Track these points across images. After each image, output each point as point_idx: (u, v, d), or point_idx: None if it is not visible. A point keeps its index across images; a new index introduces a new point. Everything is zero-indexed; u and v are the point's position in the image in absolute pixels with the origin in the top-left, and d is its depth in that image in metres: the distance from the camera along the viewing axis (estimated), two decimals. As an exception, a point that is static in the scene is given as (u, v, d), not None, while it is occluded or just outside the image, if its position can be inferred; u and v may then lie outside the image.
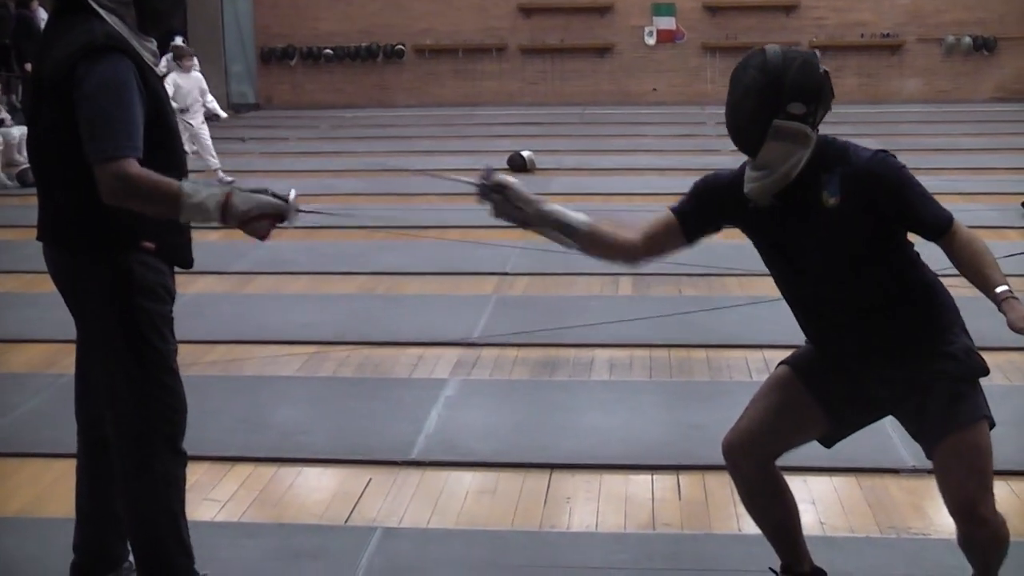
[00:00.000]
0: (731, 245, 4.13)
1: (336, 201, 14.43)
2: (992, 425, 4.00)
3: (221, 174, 15.67)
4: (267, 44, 27.21)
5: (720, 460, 5.79)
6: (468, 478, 5.96)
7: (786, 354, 4.41)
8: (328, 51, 27.56)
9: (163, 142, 4.15)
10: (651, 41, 27.20)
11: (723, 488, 5.74)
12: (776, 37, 25.18)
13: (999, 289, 3.79)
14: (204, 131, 15.73)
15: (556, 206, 4.19)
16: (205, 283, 10.15)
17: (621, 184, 15.44)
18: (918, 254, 4.10)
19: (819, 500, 5.62)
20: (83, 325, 4.34)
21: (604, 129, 22.04)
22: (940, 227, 3.92)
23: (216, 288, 10.10)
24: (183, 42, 19.05)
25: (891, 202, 3.91)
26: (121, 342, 4.20)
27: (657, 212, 4.27)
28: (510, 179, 4.14)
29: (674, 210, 4.23)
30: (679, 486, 5.82)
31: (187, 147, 15.41)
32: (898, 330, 4.04)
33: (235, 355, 8.14)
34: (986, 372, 4.04)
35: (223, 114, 15.95)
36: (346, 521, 5.48)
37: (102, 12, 4.09)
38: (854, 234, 3.95)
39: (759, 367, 7.50)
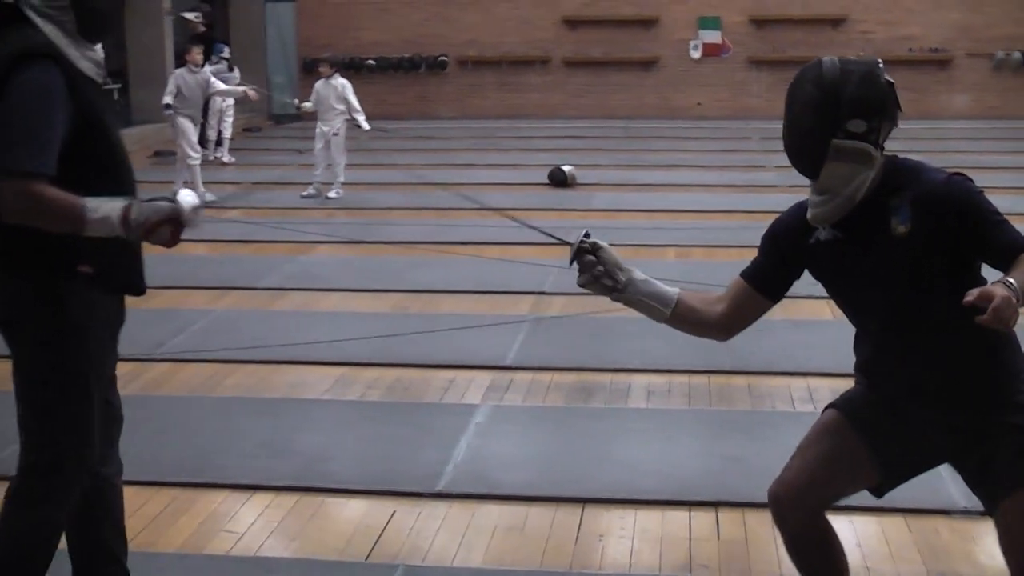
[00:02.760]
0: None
1: (373, 215, 14.27)
2: None
3: (335, 192, 15.48)
4: (309, 55, 27.01)
5: (761, 497, 5.55)
6: (496, 512, 5.71)
7: (831, 383, 4.14)
8: (371, 62, 27.41)
9: (99, 152, 4.00)
10: (696, 55, 26.89)
11: (764, 526, 5.48)
12: (823, 51, 24.45)
13: None
14: (336, 141, 15.44)
15: (647, 278, 3.97)
16: (233, 299, 9.98)
17: (664, 201, 15.14)
18: None
19: (865, 542, 5.35)
20: (10, 350, 4.15)
21: (648, 143, 21.75)
22: (1017, 252, 3.58)
23: (244, 304, 9.90)
24: (227, 53, 18.94)
25: (966, 229, 3.61)
26: (39, 380, 4.04)
27: (733, 281, 4.05)
28: (604, 243, 3.90)
29: (743, 274, 4.02)
30: (718, 523, 5.55)
31: (321, 154, 15.44)
32: (968, 373, 3.74)
33: (261, 375, 7.94)
34: None
35: (366, 126, 15.68)
36: (367, 557, 5.24)
37: (39, 21, 3.93)
38: (926, 265, 3.65)
39: (802, 396, 7.22)
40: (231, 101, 19.02)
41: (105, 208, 3.82)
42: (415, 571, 5.07)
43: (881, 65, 3.75)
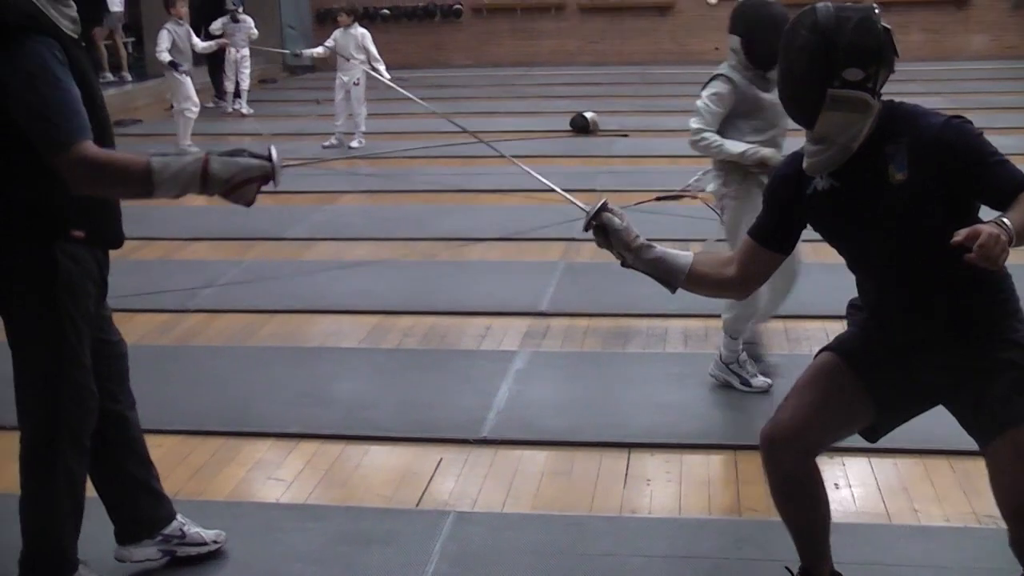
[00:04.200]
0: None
1: (394, 165, 14.22)
2: None
3: (357, 142, 15.42)
4: (322, 5, 26.84)
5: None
6: (542, 458, 5.73)
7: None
8: (385, 11, 27.24)
9: (90, 117, 3.91)
10: (713, -1, 26.68)
11: (810, 469, 5.49)
12: (838, -8, 24.60)
13: None
14: (356, 91, 15.34)
15: (659, 251, 3.95)
16: (262, 250, 9.96)
17: (686, 146, 14.99)
18: None
19: (911, 485, 5.35)
20: (4, 317, 4.17)
21: (666, 89, 21.59)
22: (1017, 192, 3.52)
23: (273, 255, 9.88)
24: (236, 4, 18.77)
25: (965, 172, 3.55)
26: (36, 338, 4.06)
27: (742, 242, 4.06)
28: (615, 221, 3.89)
29: (749, 232, 4.01)
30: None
31: (342, 105, 15.38)
32: (967, 313, 3.73)
33: (295, 325, 7.95)
34: None
35: (386, 75, 15.54)
36: (417, 504, 5.27)
37: None
38: (925, 211, 3.60)
39: (840, 339, 7.19)
40: (246, 51, 18.89)
41: (174, 166, 3.80)
42: (466, 517, 5.09)
43: (877, 10, 3.66)
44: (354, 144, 15.31)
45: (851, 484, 5.37)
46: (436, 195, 12.26)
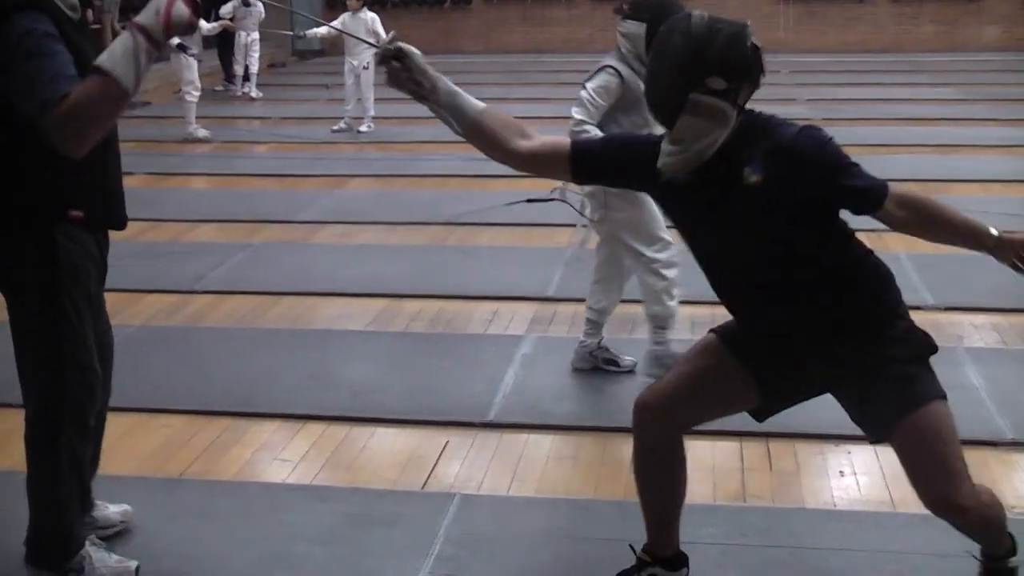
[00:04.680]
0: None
1: (405, 149, 14.23)
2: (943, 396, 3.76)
3: (366, 126, 15.47)
4: (333, -11, 26.91)
5: (812, 428, 5.58)
6: (548, 442, 5.74)
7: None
8: (395, -4, 27.25)
9: None
10: (723, -13, 26.66)
11: (814, 457, 5.53)
12: (852, -16, 24.61)
13: (996, 231, 3.66)
14: (366, 75, 15.33)
15: (454, 87, 3.93)
16: (270, 232, 9.98)
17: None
18: (852, 231, 3.81)
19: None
20: (7, 299, 4.17)
21: (675, 77, 21.56)
22: (878, 197, 3.62)
23: (282, 238, 9.90)
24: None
25: (821, 178, 3.60)
26: (38, 319, 4.07)
27: (559, 137, 4.00)
28: (412, 48, 3.88)
29: (575, 145, 3.93)
30: (769, 454, 5.56)
31: (351, 89, 15.43)
32: (834, 312, 3.77)
33: (303, 308, 7.96)
34: (934, 350, 3.79)
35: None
36: (423, 487, 5.29)
37: None
38: (778, 212, 3.63)
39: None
40: (256, 35, 18.91)
41: (118, 51, 3.68)
42: (471, 500, 5.10)
43: (750, 28, 3.68)
44: (363, 128, 15.33)
45: (856, 472, 5.38)
46: (444, 180, 12.27)
